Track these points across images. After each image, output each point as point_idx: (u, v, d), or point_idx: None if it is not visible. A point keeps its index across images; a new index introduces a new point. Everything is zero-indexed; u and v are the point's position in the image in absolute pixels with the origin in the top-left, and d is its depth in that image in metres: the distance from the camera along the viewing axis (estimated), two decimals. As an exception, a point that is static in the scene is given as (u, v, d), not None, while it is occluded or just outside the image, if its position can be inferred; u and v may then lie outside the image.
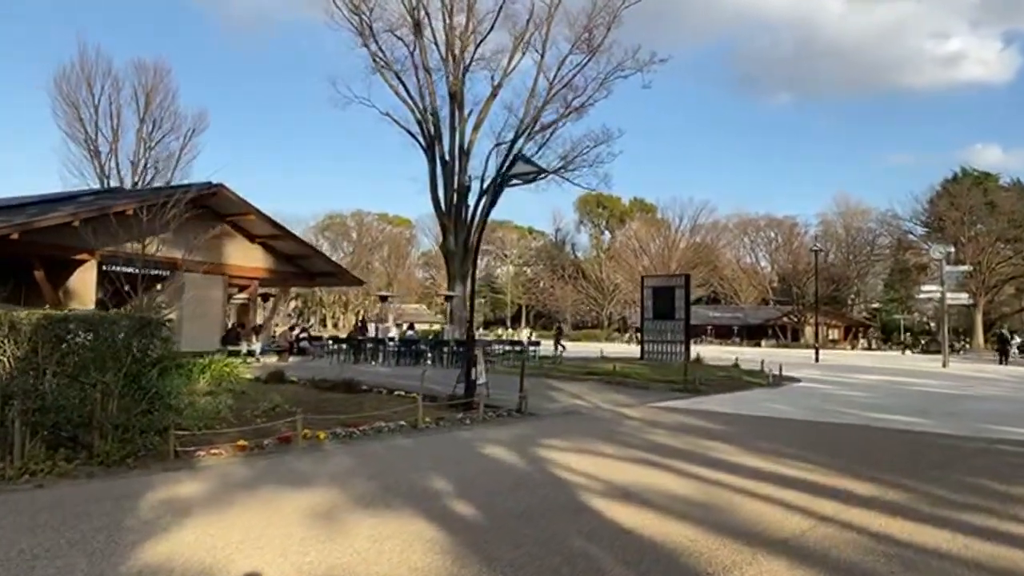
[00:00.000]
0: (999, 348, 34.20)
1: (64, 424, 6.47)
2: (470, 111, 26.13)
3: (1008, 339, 35.14)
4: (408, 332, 30.33)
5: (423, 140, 25.79)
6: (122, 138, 36.18)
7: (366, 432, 8.70)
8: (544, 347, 30.14)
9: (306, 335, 28.91)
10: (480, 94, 27.33)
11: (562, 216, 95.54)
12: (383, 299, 37.45)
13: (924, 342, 50.92)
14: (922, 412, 12.17)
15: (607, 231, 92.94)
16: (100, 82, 36.26)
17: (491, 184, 21.57)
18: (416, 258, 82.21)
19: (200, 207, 19.42)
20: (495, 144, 24.98)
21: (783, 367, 20.09)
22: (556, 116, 27.13)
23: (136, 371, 6.75)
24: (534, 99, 26.44)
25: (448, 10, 25.35)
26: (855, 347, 58.60)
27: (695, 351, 27.28)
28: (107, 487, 5.87)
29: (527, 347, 24.97)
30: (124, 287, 12.68)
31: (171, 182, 31.86)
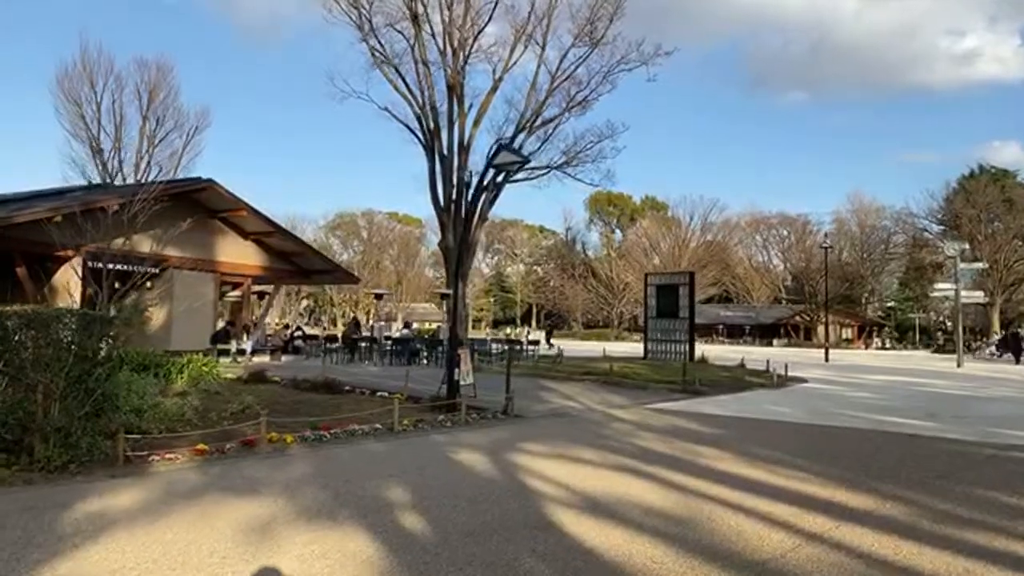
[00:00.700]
0: (1013, 348, 33.36)
1: (2, 427, 6.09)
2: (470, 105, 25.61)
3: (1021, 337, 34.25)
4: (403, 331, 29.96)
5: (422, 136, 25.33)
6: (125, 136, 36.00)
7: (337, 436, 8.27)
8: (543, 346, 29.70)
9: (300, 334, 28.62)
10: (480, 88, 26.78)
11: (573, 215, 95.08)
12: (378, 297, 37.06)
13: (942, 342, 49.81)
14: (931, 415, 11.58)
15: (618, 229, 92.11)
16: (102, 80, 36.09)
17: (481, 177, 20.96)
18: (426, 257, 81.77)
19: (191, 203, 19.10)
20: (496, 140, 24.44)
21: (790, 367, 19.52)
22: (559, 111, 26.54)
23: (80, 371, 6.35)
24: (535, 93, 25.87)
25: (447, 1, 24.84)
26: (869, 346, 57.56)
27: (700, 350, 26.70)
28: (41, 495, 5.49)
29: (524, 345, 24.54)
30: (112, 284, 12.38)
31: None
